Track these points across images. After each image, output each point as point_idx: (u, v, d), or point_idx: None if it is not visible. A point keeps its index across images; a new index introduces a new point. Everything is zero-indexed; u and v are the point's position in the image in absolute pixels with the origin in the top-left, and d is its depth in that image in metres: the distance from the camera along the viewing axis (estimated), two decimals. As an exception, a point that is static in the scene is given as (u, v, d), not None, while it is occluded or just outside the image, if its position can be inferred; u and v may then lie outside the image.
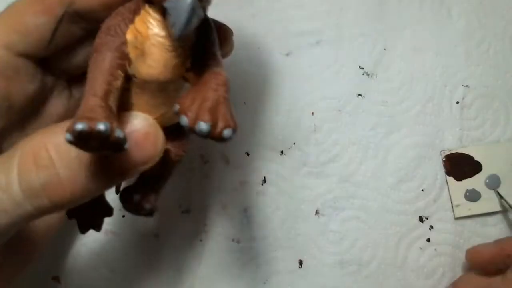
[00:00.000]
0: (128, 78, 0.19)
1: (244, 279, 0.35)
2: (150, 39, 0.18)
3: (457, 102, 0.36)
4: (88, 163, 0.18)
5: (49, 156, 0.18)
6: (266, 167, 0.35)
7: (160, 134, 0.20)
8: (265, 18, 0.36)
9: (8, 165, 0.18)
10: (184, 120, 0.17)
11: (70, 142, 0.16)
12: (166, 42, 0.18)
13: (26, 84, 0.23)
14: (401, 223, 0.35)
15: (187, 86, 0.20)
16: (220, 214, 0.35)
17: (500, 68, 0.37)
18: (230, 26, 0.38)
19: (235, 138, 0.17)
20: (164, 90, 0.20)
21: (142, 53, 0.18)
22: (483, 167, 0.35)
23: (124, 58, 0.18)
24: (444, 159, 0.35)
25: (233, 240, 0.35)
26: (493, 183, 0.35)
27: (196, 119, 0.17)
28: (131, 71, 0.19)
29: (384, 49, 0.36)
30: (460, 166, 0.35)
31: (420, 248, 0.35)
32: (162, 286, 0.34)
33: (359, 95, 0.36)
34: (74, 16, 0.22)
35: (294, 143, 0.35)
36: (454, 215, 0.35)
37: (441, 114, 0.36)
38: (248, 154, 0.35)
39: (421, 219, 0.35)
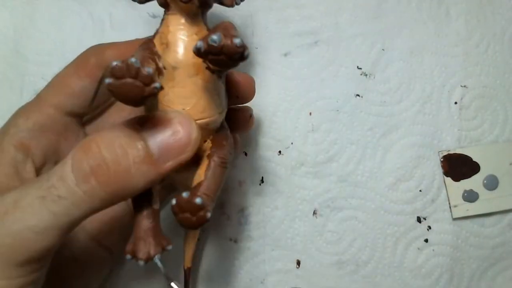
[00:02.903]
0: (160, 73, 0.22)
1: (241, 278, 0.35)
2: (170, 31, 0.23)
3: (456, 103, 0.36)
4: (129, 149, 0.21)
5: (97, 145, 0.21)
6: (264, 167, 0.35)
7: (194, 124, 0.22)
8: (263, 18, 0.36)
9: (65, 160, 0.21)
10: (199, 43, 0.19)
11: (110, 84, 0.19)
12: (184, 30, 0.23)
13: (73, 141, 0.27)
14: (399, 223, 0.35)
15: (214, 78, 0.23)
16: (218, 213, 0.35)
17: (499, 68, 0.37)
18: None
19: (248, 57, 0.20)
20: (193, 76, 0.22)
21: (167, 45, 0.22)
22: (481, 168, 0.35)
23: (153, 53, 0.22)
24: (442, 159, 0.35)
25: (230, 239, 0.35)
26: (491, 183, 0.35)
27: (208, 37, 0.19)
28: (161, 64, 0.22)
29: (382, 49, 0.36)
30: (458, 166, 0.35)
31: (418, 248, 0.35)
32: (161, 285, 0.35)
33: (357, 95, 0.36)
34: None
35: (292, 143, 0.35)
36: (452, 215, 0.35)
37: (439, 114, 0.36)
38: (246, 154, 0.35)
39: (419, 220, 0.35)
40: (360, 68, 0.36)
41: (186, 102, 0.22)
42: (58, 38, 0.36)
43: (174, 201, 0.21)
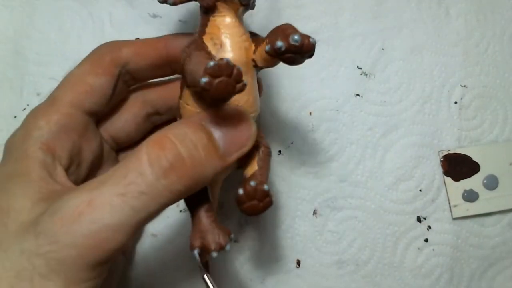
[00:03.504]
0: None
1: (241, 278, 0.35)
2: (222, 33, 0.23)
3: (455, 102, 0.36)
4: (199, 144, 0.22)
5: (171, 141, 0.21)
6: (264, 166, 0.35)
7: (251, 118, 0.24)
8: (263, 18, 0.36)
9: (136, 156, 0.21)
10: (279, 43, 0.21)
11: (207, 83, 0.20)
12: (234, 31, 0.24)
13: (92, 141, 0.27)
14: (399, 223, 0.35)
15: (256, 75, 0.25)
16: (218, 213, 0.35)
17: (499, 68, 0.37)
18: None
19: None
20: (245, 74, 0.23)
21: (221, 45, 0.23)
22: (481, 168, 0.35)
23: (209, 54, 0.23)
24: (441, 159, 0.35)
25: (230, 239, 0.35)
26: (491, 183, 0.35)
27: (287, 36, 0.21)
28: None
29: (382, 49, 0.36)
30: (457, 166, 0.35)
31: (418, 248, 0.35)
32: (159, 286, 0.34)
33: (357, 95, 0.36)
34: (125, 74, 0.27)
35: (292, 143, 0.35)
36: (452, 215, 0.35)
37: (439, 114, 0.36)
38: (246, 154, 0.35)
39: (419, 219, 0.35)
40: (360, 68, 0.36)
41: (239, 99, 0.23)
42: (58, 38, 0.36)
43: (241, 191, 0.23)
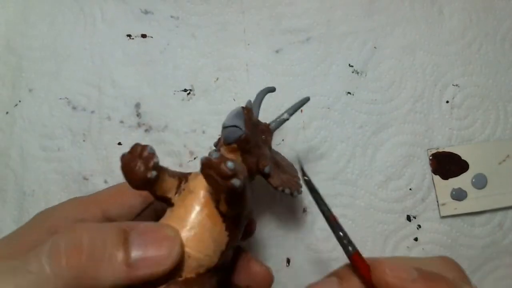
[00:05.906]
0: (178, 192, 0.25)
1: (230, 275, 0.35)
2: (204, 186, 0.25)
3: (447, 101, 0.36)
4: (109, 242, 0.21)
5: (81, 231, 0.21)
6: (254, 163, 0.35)
7: (179, 241, 0.22)
8: (255, 15, 0.36)
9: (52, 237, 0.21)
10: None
11: (122, 156, 0.22)
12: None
13: None
14: (389, 221, 0.35)
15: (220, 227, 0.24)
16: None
17: (491, 68, 0.37)
18: (219, 23, 0.38)
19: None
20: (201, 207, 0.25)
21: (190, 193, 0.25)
22: (470, 166, 0.35)
23: (185, 176, 0.25)
24: (430, 157, 0.35)
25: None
26: (480, 182, 0.35)
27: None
28: (183, 186, 0.25)
29: (374, 47, 0.36)
30: (446, 164, 0.35)
31: (408, 247, 0.35)
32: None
33: (348, 93, 0.36)
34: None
35: (283, 140, 0.35)
36: (440, 213, 0.35)
37: (430, 113, 0.36)
38: (236, 151, 0.35)
39: (408, 218, 0.35)
40: (352, 66, 0.36)
41: (190, 245, 0.22)
42: (50, 34, 0.36)
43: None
